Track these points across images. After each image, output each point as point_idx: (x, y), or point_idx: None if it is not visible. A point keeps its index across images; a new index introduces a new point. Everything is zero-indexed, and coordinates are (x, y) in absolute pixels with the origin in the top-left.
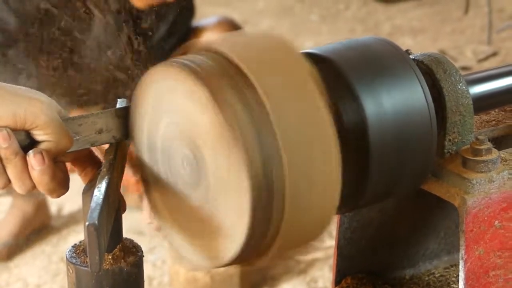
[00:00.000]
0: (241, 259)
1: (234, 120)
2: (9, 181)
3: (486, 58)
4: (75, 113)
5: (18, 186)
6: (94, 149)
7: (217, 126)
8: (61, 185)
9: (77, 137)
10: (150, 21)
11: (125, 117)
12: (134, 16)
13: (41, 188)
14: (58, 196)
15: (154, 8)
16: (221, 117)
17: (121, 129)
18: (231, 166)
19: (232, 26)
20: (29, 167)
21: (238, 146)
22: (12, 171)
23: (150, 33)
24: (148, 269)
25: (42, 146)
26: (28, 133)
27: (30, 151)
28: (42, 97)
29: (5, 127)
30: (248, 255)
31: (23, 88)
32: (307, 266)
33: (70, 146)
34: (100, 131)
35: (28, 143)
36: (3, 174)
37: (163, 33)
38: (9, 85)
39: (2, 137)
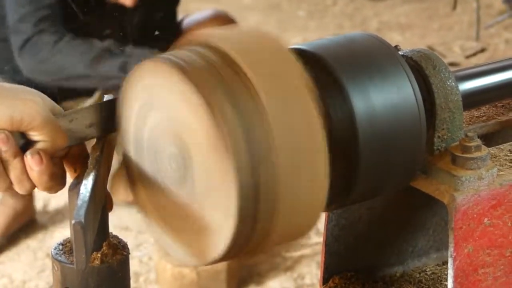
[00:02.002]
0: (227, 257)
1: (224, 126)
2: (11, 182)
3: (474, 54)
4: None
5: (18, 187)
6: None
7: (207, 132)
8: (59, 182)
9: (69, 133)
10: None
11: (113, 111)
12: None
13: (41, 187)
14: (56, 192)
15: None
16: (211, 123)
17: (110, 122)
18: (219, 169)
19: (226, 20)
20: (28, 168)
21: (227, 152)
22: (12, 172)
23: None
24: (134, 266)
25: (38, 146)
26: (23, 134)
27: (28, 152)
28: (36, 97)
29: (3, 129)
30: (235, 252)
31: (17, 87)
32: (294, 263)
33: (65, 144)
34: (90, 125)
35: (23, 143)
36: (5, 176)
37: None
38: (4, 85)
39: (1, 140)
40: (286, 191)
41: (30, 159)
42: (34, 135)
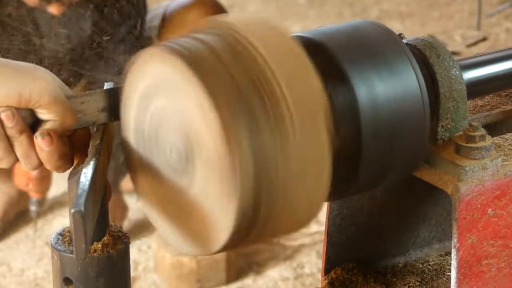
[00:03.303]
0: (229, 246)
1: (230, 123)
2: (17, 159)
3: (475, 43)
4: None
5: (25, 163)
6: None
7: (218, 148)
8: (68, 161)
9: (79, 115)
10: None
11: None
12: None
13: (49, 166)
14: (64, 171)
15: None
16: (225, 145)
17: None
18: (222, 167)
19: (211, 3)
20: (37, 148)
21: (230, 153)
22: (18, 149)
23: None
24: (133, 254)
25: (47, 125)
26: (32, 112)
27: (38, 133)
28: (46, 75)
29: (10, 106)
30: (236, 242)
31: (26, 65)
32: (293, 252)
33: (73, 124)
34: (102, 110)
35: (32, 121)
36: (11, 152)
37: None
38: (13, 62)
39: (7, 117)
40: (288, 182)
41: (40, 140)
42: (43, 113)
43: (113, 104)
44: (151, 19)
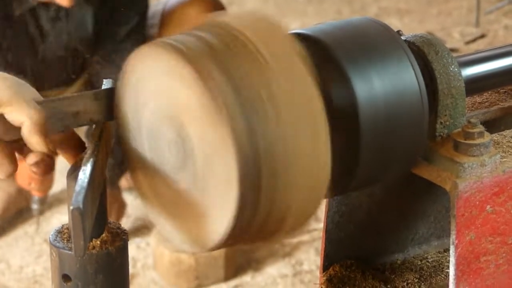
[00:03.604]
0: (228, 242)
1: (216, 90)
2: None
3: (474, 40)
4: None
5: None
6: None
7: (199, 97)
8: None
9: (52, 120)
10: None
11: (106, 99)
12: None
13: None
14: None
15: None
16: (202, 88)
17: (100, 111)
18: (217, 139)
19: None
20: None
21: (221, 116)
22: None
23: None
24: (132, 251)
25: (23, 130)
26: (4, 118)
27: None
28: (6, 75)
29: None
30: (236, 238)
31: None
32: (292, 249)
33: (43, 118)
34: (76, 114)
35: (4, 129)
36: None
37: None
38: None
39: None
40: (287, 163)
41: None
42: (8, 113)
43: (93, 107)
44: (151, 17)
